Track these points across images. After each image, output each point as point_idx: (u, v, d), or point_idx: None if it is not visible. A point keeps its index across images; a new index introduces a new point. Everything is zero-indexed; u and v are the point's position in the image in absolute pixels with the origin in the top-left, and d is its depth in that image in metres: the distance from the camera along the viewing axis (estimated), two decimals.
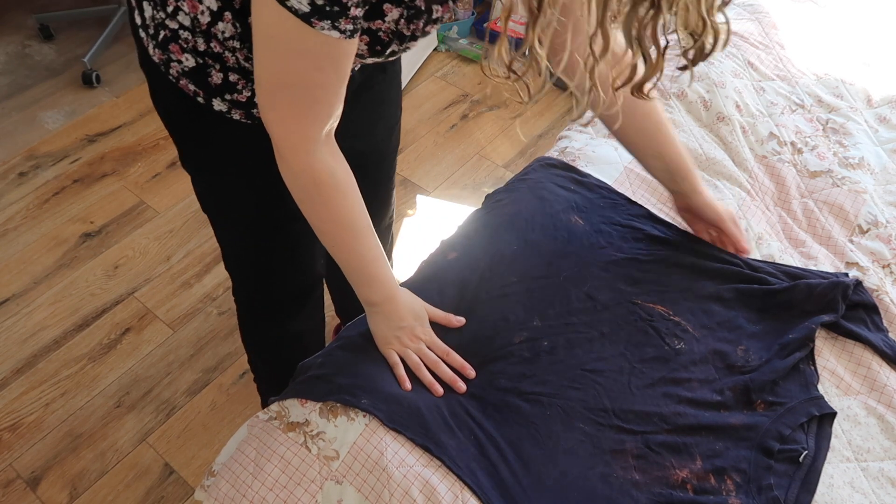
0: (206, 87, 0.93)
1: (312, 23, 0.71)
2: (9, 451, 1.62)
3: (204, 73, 0.91)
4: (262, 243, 1.15)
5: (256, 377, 1.51)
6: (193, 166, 1.09)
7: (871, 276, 1.18)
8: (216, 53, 0.89)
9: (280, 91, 0.81)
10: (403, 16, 0.82)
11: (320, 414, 0.95)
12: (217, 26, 0.87)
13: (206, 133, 1.00)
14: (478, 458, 0.92)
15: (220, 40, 0.88)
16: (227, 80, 0.92)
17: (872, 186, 1.33)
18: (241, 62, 0.90)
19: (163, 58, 0.92)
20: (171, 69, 0.93)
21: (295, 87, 0.80)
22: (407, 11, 0.82)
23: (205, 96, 0.93)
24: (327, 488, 0.90)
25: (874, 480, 0.96)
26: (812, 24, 1.73)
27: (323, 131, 0.85)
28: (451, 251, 1.16)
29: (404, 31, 0.84)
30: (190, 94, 0.94)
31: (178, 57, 0.91)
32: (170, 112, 1.02)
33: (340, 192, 0.90)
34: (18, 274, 1.95)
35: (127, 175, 2.23)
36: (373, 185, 1.34)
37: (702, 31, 0.76)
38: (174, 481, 1.58)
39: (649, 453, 0.95)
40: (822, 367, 1.07)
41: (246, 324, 1.37)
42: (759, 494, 0.91)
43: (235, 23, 0.86)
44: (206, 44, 0.89)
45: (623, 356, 1.04)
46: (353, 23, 0.74)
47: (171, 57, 0.91)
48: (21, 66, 2.56)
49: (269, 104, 0.82)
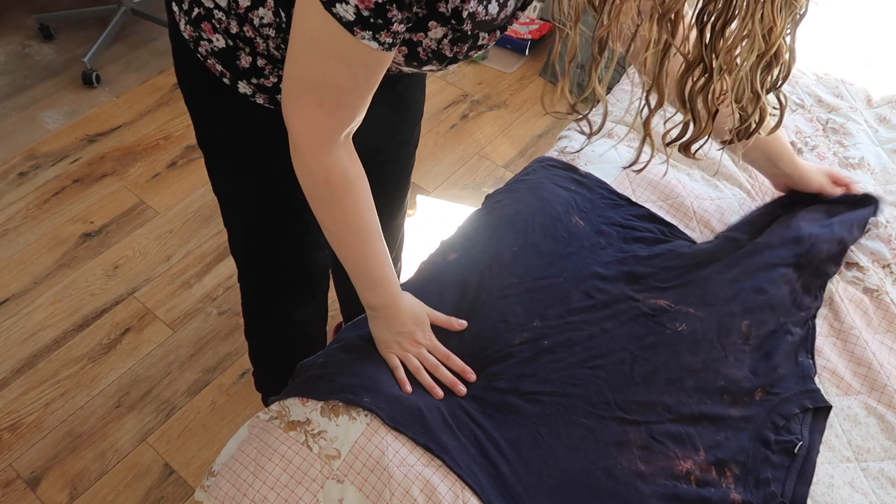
0: (233, 68, 0.93)
1: (354, 31, 0.72)
2: (9, 451, 1.62)
3: (233, 56, 0.91)
4: (271, 228, 1.15)
5: (256, 371, 1.51)
6: (211, 145, 1.09)
7: (871, 276, 1.18)
8: (248, 38, 0.89)
9: (308, 91, 0.81)
10: (448, 37, 0.82)
11: (321, 413, 0.95)
12: (256, 11, 0.86)
13: (227, 113, 1.00)
14: (478, 458, 0.92)
15: (255, 26, 0.88)
16: (255, 65, 0.92)
17: (872, 187, 1.33)
18: (271, 49, 0.90)
19: (193, 35, 0.92)
20: (200, 47, 0.93)
21: (324, 89, 0.80)
22: (452, 34, 0.82)
23: (231, 77, 0.94)
24: (328, 487, 0.90)
25: (874, 480, 0.96)
26: (812, 23, 1.73)
27: (343, 133, 0.85)
28: (450, 252, 1.16)
29: (446, 52, 0.84)
30: (216, 74, 0.94)
31: (210, 36, 0.91)
32: (194, 88, 1.02)
33: (352, 193, 0.90)
34: (18, 274, 1.95)
35: (127, 175, 2.23)
36: (390, 182, 1.34)
37: (752, 109, 0.78)
38: (174, 481, 1.58)
39: (653, 443, 0.95)
40: (822, 367, 1.07)
41: (250, 311, 1.37)
42: (757, 489, 0.92)
43: (279, 10, 0.86)
44: (240, 27, 0.89)
45: (625, 349, 1.04)
46: (394, 37, 0.75)
47: (202, 35, 0.91)
48: (21, 66, 2.56)
49: (294, 101, 0.83)
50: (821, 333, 1.11)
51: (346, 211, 0.91)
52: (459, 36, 0.82)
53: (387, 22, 0.72)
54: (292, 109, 0.83)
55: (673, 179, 1.32)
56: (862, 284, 1.17)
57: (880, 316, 1.14)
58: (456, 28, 0.81)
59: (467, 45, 0.85)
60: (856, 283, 1.17)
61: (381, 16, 0.72)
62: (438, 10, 0.77)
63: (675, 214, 1.27)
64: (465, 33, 0.82)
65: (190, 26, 0.92)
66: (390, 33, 0.74)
